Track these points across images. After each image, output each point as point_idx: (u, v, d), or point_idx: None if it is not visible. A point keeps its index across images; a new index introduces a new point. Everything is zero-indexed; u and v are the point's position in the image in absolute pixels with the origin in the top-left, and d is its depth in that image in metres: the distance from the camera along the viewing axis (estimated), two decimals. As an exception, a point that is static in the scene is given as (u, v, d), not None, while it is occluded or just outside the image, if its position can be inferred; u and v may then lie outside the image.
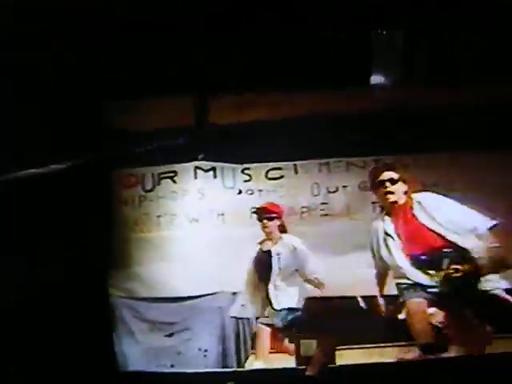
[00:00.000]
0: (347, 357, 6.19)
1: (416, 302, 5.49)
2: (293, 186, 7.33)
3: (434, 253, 5.47)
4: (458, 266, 5.41)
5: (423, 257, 5.50)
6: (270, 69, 6.85)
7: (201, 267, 7.17)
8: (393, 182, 5.68)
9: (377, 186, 5.75)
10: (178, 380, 5.88)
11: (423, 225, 5.54)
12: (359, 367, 5.70)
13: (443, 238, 5.48)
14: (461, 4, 6.17)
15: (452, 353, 5.51)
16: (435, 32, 6.49)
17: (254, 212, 6.89)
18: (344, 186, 7.21)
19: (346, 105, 7.03)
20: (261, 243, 6.68)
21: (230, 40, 6.69)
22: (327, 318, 6.45)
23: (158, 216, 7.48)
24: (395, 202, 5.67)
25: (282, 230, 6.66)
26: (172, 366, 7.12)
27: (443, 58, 6.67)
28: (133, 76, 6.75)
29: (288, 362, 6.26)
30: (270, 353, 6.46)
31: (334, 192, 7.21)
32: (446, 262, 5.45)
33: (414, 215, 5.58)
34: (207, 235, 7.34)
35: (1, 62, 6.12)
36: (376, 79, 6.66)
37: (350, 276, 6.59)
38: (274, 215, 6.63)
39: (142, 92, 6.98)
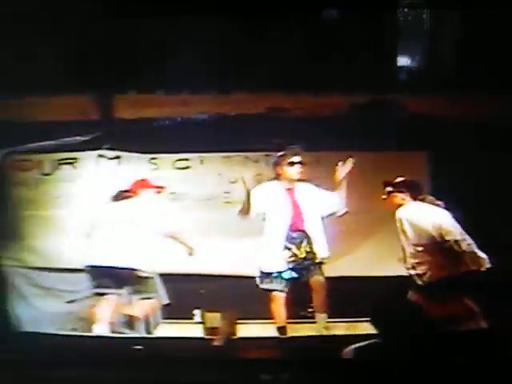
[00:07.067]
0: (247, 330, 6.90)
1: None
2: (199, 176, 8.05)
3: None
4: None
5: None
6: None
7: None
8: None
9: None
10: (80, 342, 6.39)
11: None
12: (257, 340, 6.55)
13: None
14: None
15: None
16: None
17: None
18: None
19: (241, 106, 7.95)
20: None
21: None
22: (228, 294, 7.33)
23: (56, 197, 8.05)
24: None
25: None
26: (74, 329, 7.50)
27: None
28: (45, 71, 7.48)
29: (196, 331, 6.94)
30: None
31: (235, 182, 7.89)
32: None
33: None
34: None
35: None
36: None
37: (248, 257, 7.21)
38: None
39: (52, 87, 7.64)
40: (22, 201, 8.06)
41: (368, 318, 6.12)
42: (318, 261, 6.82)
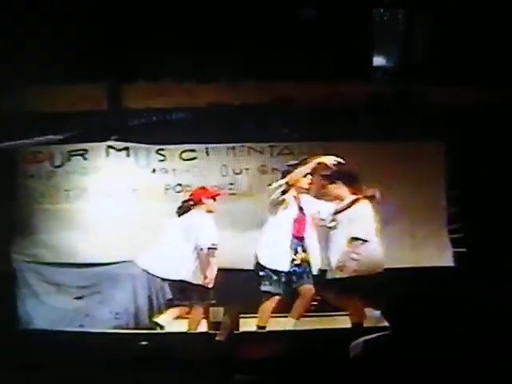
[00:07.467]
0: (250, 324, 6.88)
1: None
2: (205, 167, 7.96)
3: None
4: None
5: None
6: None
7: (114, 237, 7.68)
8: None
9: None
10: (89, 338, 6.43)
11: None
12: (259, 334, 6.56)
13: None
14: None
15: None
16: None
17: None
18: (246, 169, 7.91)
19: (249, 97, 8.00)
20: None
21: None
22: (232, 288, 7.20)
23: (67, 190, 7.99)
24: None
25: None
26: (81, 326, 7.55)
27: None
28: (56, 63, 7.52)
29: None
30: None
31: (239, 174, 7.92)
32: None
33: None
34: (121, 209, 7.87)
35: None
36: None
37: (252, 250, 7.00)
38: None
39: (61, 78, 7.73)
40: (35, 194, 8.03)
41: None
42: (310, 270, 6.90)
